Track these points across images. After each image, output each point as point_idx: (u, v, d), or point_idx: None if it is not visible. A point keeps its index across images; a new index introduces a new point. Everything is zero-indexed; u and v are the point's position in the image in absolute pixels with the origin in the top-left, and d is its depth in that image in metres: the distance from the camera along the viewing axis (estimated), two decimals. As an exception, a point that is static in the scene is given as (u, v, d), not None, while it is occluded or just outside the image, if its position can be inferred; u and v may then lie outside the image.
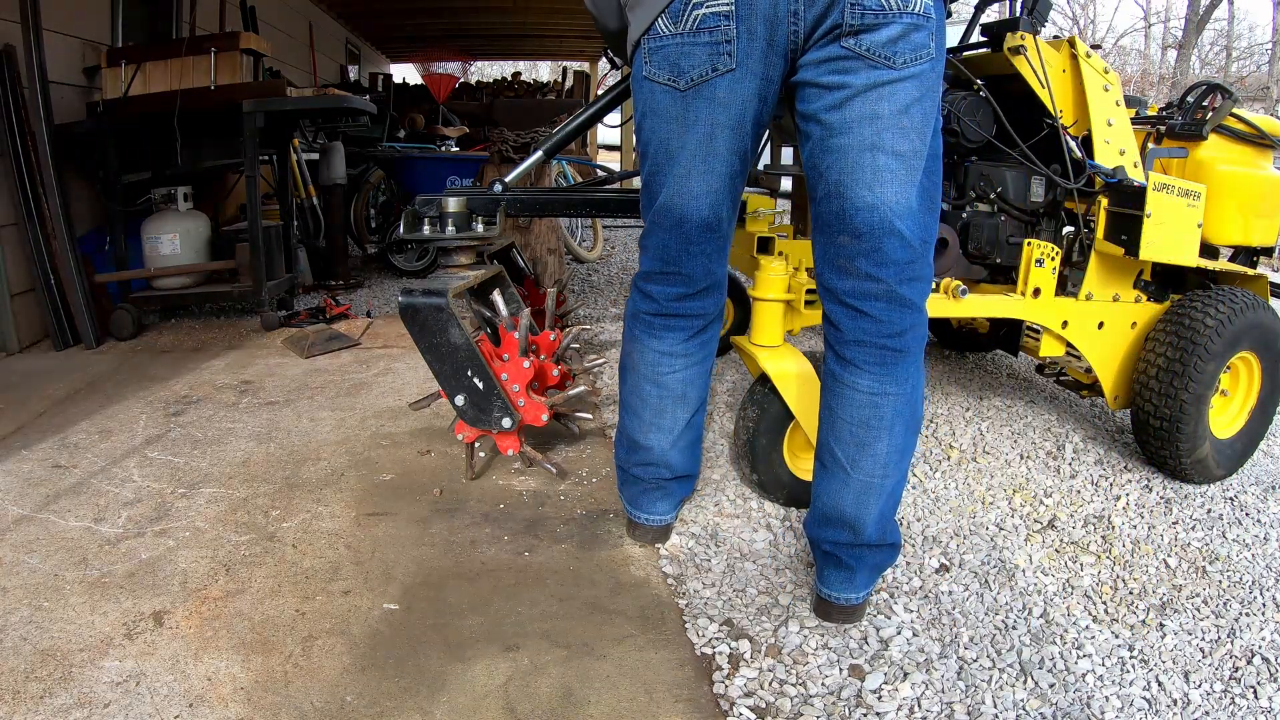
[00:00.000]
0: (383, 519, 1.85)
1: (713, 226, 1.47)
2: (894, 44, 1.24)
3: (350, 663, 1.36)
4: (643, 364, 1.62)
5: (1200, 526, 1.92)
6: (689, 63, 1.31)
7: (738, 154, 1.40)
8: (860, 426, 1.39)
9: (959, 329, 3.15)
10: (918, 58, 1.25)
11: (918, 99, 1.27)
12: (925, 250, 1.36)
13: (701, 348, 1.62)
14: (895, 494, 1.45)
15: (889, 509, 1.46)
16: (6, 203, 3.11)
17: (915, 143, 1.29)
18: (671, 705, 1.29)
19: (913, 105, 1.27)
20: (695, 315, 1.58)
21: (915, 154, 1.29)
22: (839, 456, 1.42)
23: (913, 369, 1.38)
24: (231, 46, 3.44)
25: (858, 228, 1.31)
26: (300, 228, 4.33)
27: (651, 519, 1.74)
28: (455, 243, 2.03)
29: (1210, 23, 16.88)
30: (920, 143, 1.30)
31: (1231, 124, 2.23)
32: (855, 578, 1.47)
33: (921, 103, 1.28)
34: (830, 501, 1.45)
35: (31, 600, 1.51)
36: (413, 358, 3.00)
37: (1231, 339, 2.00)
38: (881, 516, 1.44)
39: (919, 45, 1.25)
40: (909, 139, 1.28)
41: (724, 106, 1.33)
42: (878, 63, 1.24)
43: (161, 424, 2.38)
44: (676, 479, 1.72)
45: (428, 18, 8.50)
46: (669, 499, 1.74)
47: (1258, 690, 1.37)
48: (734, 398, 2.68)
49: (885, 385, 1.37)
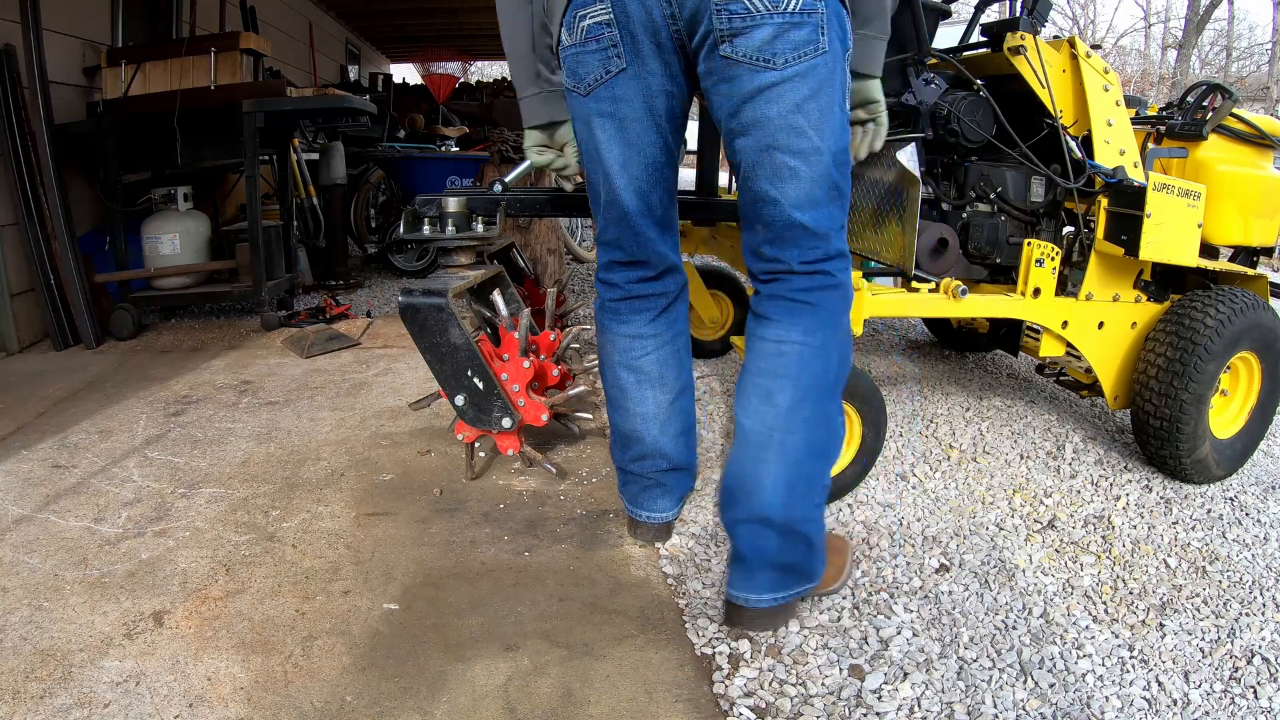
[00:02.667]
0: (383, 519, 1.85)
1: (648, 212, 1.52)
2: (770, 45, 1.23)
3: (350, 663, 1.36)
4: (615, 352, 1.65)
5: (1200, 526, 1.92)
6: (585, 69, 1.39)
7: (656, 145, 1.44)
8: (765, 375, 1.38)
9: (959, 329, 3.15)
10: (801, 55, 1.24)
11: (810, 96, 1.26)
12: (835, 234, 1.36)
13: (669, 327, 1.65)
14: (805, 468, 1.36)
15: (797, 484, 1.36)
16: (6, 203, 3.12)
17: (814, 139, 1.28)
18: (671, 705, 1.29)
19: (806, 102, 1.26)
20: (657, 295, 1.62)
21: (815, 150, 1.29)
22: (739, 417, 1.41)
23: (823, 324, 1.36)
24: (231, 46, 3.45)
25: (765, 219, 1.35)
26: (300, 228, 4.33)
27: (652, 516, 1.74)
28: (455, 243, 2.03)
29: (1210, 23, 16.89)
30: (820, 138, 1.29)
31: (1231, 124, 2.23)
32: (755, 574, 1.39)
33: (817, 98, 1.27)
34: (730, 469, 1.41)
35: (31, 600, 1.51)
36: (413, 358, 3.00)
37: (1231, 339, 2.00)
38: (786, 489, 1.35)
39: (801, 43, 1.23)
40: (806, 137, 1.28)
41: (627, 103, 1.39)
42: (758, 66, 1.24)
43: (161, 424, 2.38)
44: (674, 471, 1.72)
45: (428, 18, 8.51)
46: (669, 495, 1.74)
47: (1258, 690, 1.37)
48: (734, 398, 2.67)
49: (790, 333, 1.37)
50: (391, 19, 8.70)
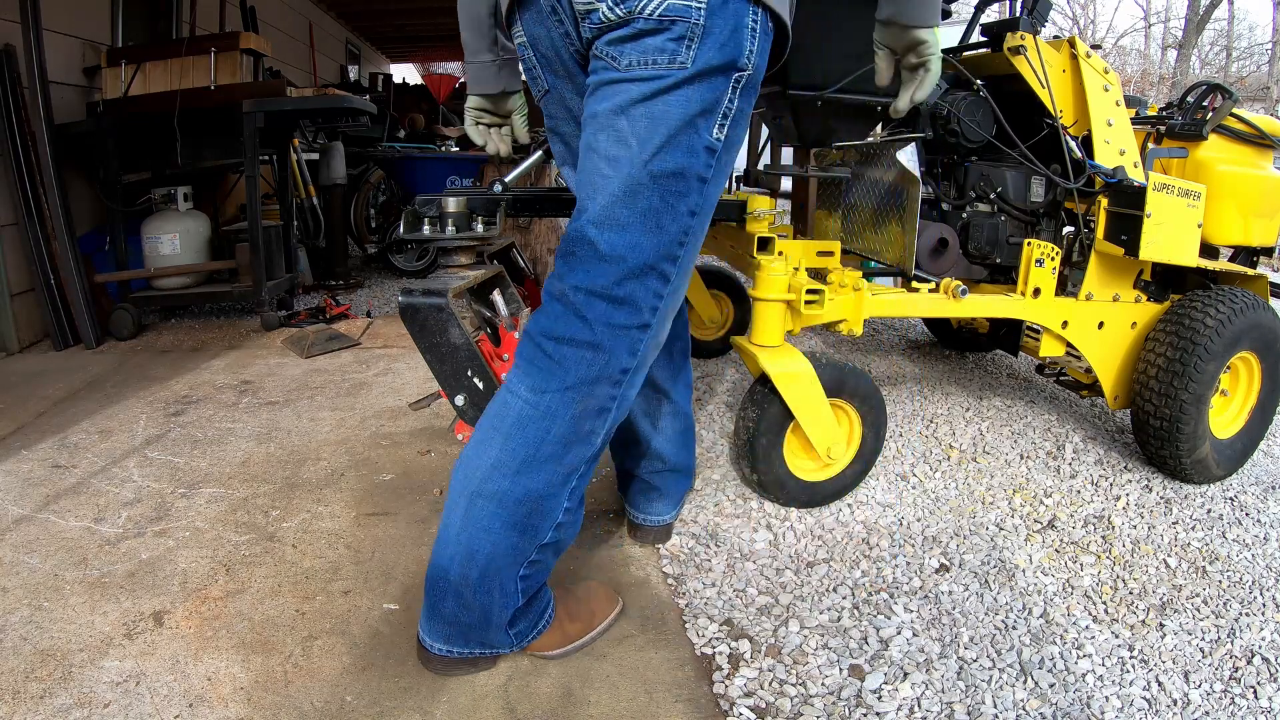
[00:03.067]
0: (383, 519, 1.85)
1: None
2: (620, 44, 1.16)
3: (350, 663, 1.36)
4: None
5: (1200, 526, 1.92)
6: (534, 89, 1.42)
7: None
8: (486, 418, 1.28)
9: (959, 329, 3.15)
10: (648, 62, 1.15)
11: (638, 102, 1.16)
12: (629, 277, 1.20)
13: None
14: (493, 538, 1.23)
15: (478, 553, 1.24)
16: (6, 203, 3.12)
17: (632, 151, 1.17)
18: (671, 705, 1.29)
19: (632, 108, 1.17)
20: None
21: (632, 163, 1.17)
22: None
23: (560, 386, 1.21)
24: (231, 46, 3.45)
25: (568, 226, 1.26)
26: (300, 228, 4.33)
27: (650, 519, 1.74)
28: (455, 243, 2.03)
29: (1210, 23, 16.88)
30: (640, 152, 1.17)
31: (1231, 124, 2.23)
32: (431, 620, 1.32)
33: (647, 108, 1.16)
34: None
35: (31, 600, 1.51)
36: (413, 358, 3.00)
37: (1231, 339, 2.00)
38: (465, 553, 1.24)
39: (651, 50, 1.14)
40: (624, 145, 1.18)
41: (562, 120, 1.41)
42: (604, 61, 1.19)
43: (161, 424, 2.38)
44: (671, 473, 1.71)
45: (428, 18, 8.51)
46: (666, 497, 1.74)
47: (1258, 690, 1.37)
48: (734, 398, 2.68)
49: (518, 384, 1.25)
50: (391, 19, 8.70)
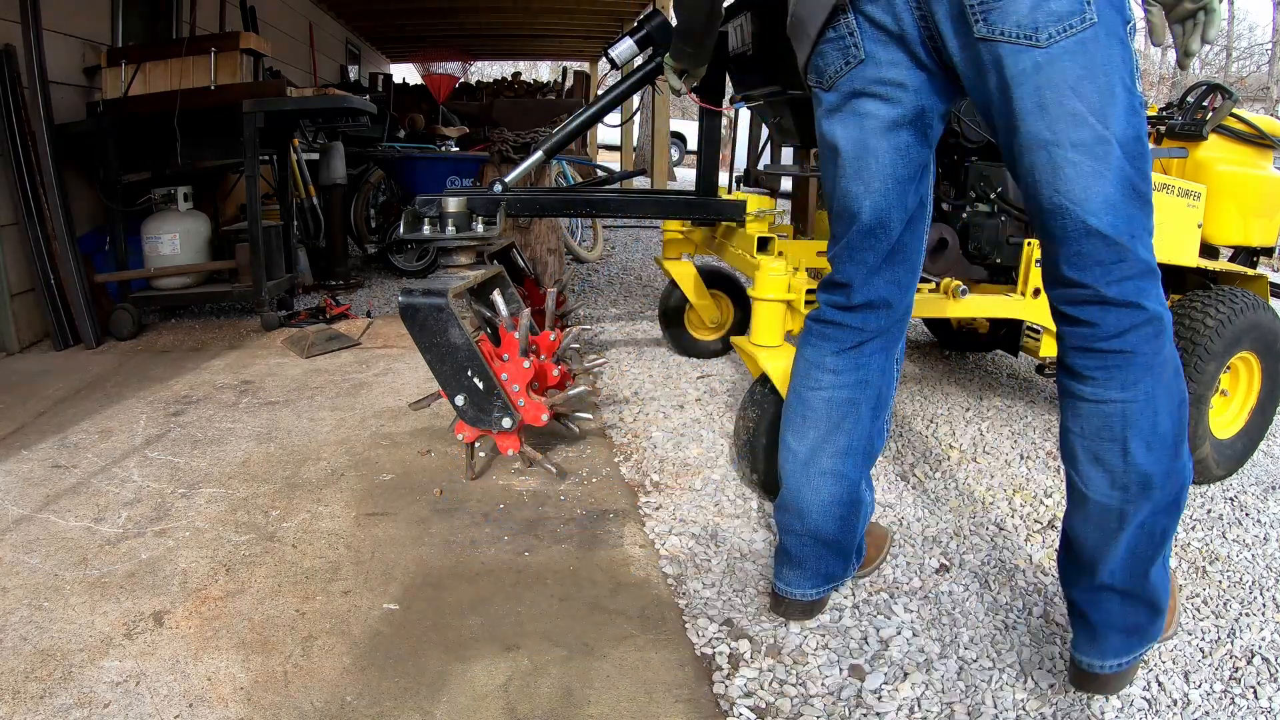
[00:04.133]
0: (383, 519, 1.85)
1: (881, 232, 1.35)
2: (1031, 16, 1.07)
3: (350, 663, 1.36)
4: (795, 373, 1.49)
5: (1200, 526, 1.92)
6: (825, 62, 1.31)
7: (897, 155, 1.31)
8: (1091, 438, 1.22)
9: (959, 329, 3.15)
10: (1066, 29, 1.07)
11: (1085, 76, 1.09)
12: (1140, 244, 1.16)
13: (855, 370, 1.42)
14: (1151, 533, 1.22)
15: (1143, 550, 1.23)
16: (6, 203, 3.12)
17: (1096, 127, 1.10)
18: (671, 705, 1.29)
19: (1080, 83, 1.09)
20: (853, 328, 1.42)
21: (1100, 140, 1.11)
22: (1070, 477, 1.26)
23: (1143, 371, 1.18)
24: (231, 46, 3.45)
25: (1055, 234, 1.17)
26: (300, 228, 4.34)
27: (790, 591, 1.51)
28: (455, 243, 2.03)
29: (1210, 23, 16.85)
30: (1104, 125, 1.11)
31: (1231, 124, 2.23)
32: (1099, 636, 1.27)
33: (1094, 79, 1.09)
34: (1072, 535, 1.27)
35: (31, 600, 1.51)
36: (413, 358, 3.00)
37: (1231, 339, 2.00)
38: (1130, 557, 1.22)
39: (1063, 14, 1.07)
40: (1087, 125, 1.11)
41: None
42: (1019, 44, 1.09)
43: (161, 424, 2.38)
44: (824, 546, 1.48)
45: (428, 18, 8.51)
46: (803, 570, 1.50)
47: (1258, 690, 1.37)
48: (734, 398, 2.68)
49: (1106, 391, 1.19)
50: (391, 19, 8.70)
